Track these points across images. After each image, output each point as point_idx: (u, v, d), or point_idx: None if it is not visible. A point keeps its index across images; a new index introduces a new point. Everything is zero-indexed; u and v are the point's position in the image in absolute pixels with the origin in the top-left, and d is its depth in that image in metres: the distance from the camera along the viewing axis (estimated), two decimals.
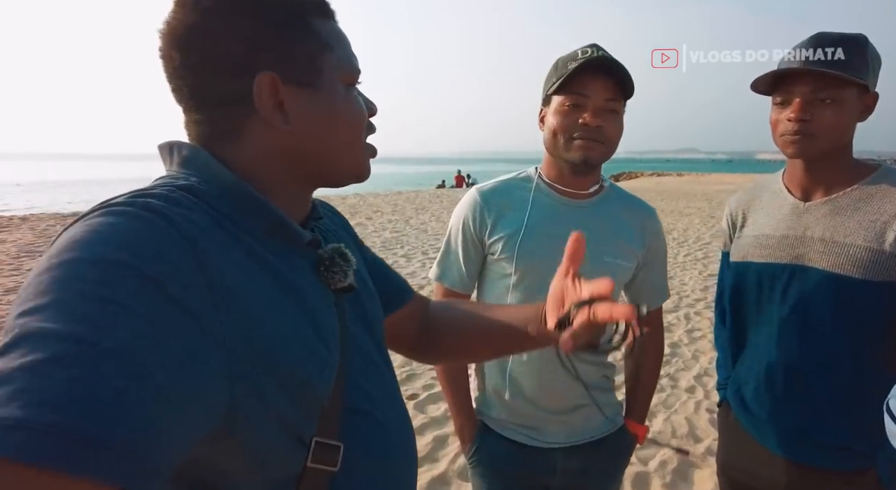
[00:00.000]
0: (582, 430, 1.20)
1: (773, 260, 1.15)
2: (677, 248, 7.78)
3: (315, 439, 0.55)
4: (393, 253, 7.22)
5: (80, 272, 0.40)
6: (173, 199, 0.49)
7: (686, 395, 3.17)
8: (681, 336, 4.15)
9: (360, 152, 0.65)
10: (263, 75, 0.56)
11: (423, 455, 2.52)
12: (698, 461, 2.51)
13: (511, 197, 1.18)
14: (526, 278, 1.13)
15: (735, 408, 1.26)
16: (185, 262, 0.45)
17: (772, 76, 1.09)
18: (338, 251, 0.65)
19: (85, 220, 0.45)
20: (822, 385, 1.09)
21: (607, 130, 1.09)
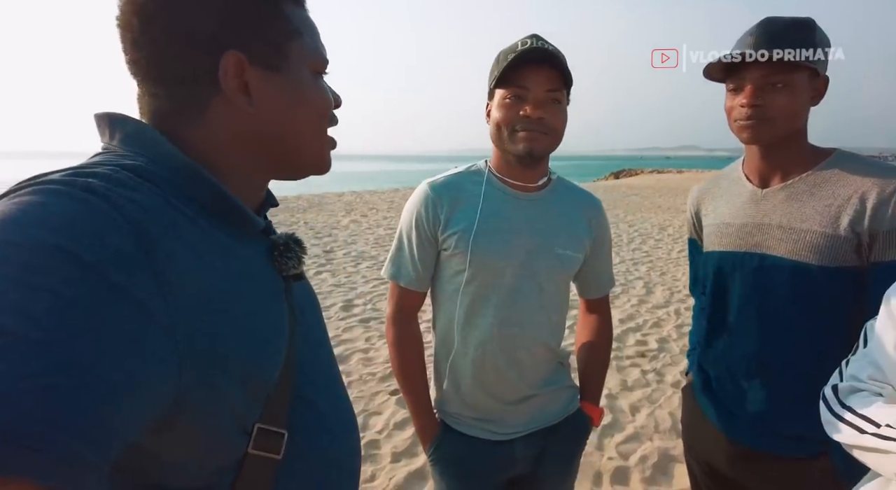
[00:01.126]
0: (540, 417, 1.20)
1: (733, 248, 1.14)
2: (671, 244, 7.76)
3: (258, 426, 0.53)
4: (385, 250, 7.20)
5: (8, 256, 0.37)
6: (117, 180, 0.46)
7: (671, 391, 3.15)
8: (670, 331, 4.13)
9: (322, 142, 0.64)
10: (231, 54, 0.54)
11: (403, 450, 2.50)
12: (679, 455, 2.49)
13: (462, 191, 1.17)
14: (480, 273, 1.12)
15: (697, 393, 1.26)
16: (128, 247, 0.42)
17: (722, 63, 1.07)
18: (292, 238, 0.64)
19: (12, 197, 0.41)
20: (782, 373, 1.08)
21: (550, 121, 1.08)
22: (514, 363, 1.15)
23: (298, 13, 0.60)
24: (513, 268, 1.12)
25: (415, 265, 1.18)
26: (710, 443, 1.20)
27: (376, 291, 5.14)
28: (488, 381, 1.15)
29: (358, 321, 4.29)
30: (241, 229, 0.57)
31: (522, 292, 1.13)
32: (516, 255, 1.12)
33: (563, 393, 1.24)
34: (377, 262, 6.40)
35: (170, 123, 0.56)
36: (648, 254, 7.09)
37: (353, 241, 7.82)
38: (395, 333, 1.22)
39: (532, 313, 1.14)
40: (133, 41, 0.54)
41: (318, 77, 0.62)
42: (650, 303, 4.86)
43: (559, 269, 1.16)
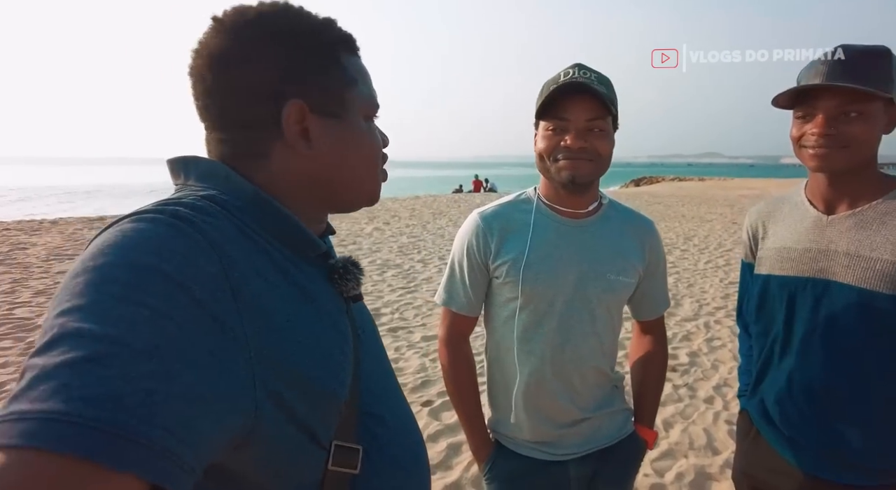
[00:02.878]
0: (594, 439, 1.21)
1: (795, 273, 1.14)
2: (698, 255, 7.66)
3: (335, 443, 0.57)
4: (410, 258, 7.25)
5: (114, 275, 0.43)
6: (199, 208, 0.51)
7: (704, 406, 3.12)
8: (700, 345, 4.08)
9: (374, 181, 0.69)
10: (293, 103, 0.59)
11: (437, 462, 2.52)
12: (716, 473, 2.47)
13: (512, 220, 1.19)
14: (532, 301, 1.14)
15: (757, 420, 1.24)
16: (211, 268, 0.47)
17: (793, 92, 1.08)
18: (350, 261, 0.68)
19: (116, 227, 0.48)
20: (849, 402, 1.07)
21: (592, 149, 1.10)
22: (567, 388, 1.17)
23: (353, 61, 0.65)
24: (564, 295, 1.14)
25: (466, 292, 1.22)
26: (776, 473, 1.19)
27: (402, 300, 5.19)
28: (542, 406, 1.17)
29: (386, 330, 4.33)
30: (305, 254, 0.61)
31: (574, 319, 1.15)
32: (567, 282, 1.14)
33: (617, 416, 1.25)
34: (402, 271, 6.45)
35: (234, 165, 0.60)
36: (675, 264, 7.01)
37: (378, 249, 7.89)
38: (449, 356, 1.25)
39: (584, 339, 1.16)
40: (204, 90, 0.59)
41: (370, 122, 0.67)
42: (678, 316, 4.81)
43: (611, 295, 1.18)
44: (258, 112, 0.59)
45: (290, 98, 0.59)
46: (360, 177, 0.67)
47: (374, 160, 0.68)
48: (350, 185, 0.66)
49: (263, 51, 0.58)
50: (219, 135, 0.61)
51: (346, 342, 0.62)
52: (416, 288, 5.69)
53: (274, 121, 0.59)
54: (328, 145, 0.62)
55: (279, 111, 0.58)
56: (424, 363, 3.65)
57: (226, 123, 0.60)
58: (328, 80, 0.61)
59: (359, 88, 0.65)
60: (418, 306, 5.01)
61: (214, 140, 0.62)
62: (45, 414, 0.35)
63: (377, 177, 0.70)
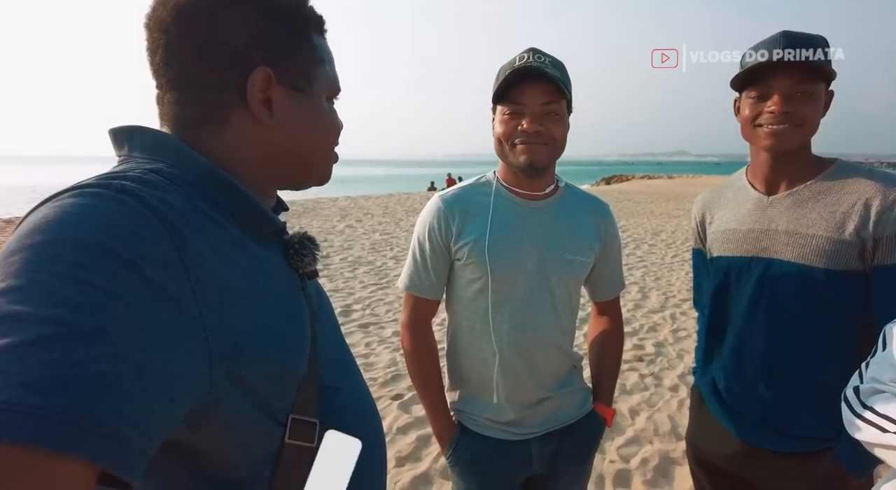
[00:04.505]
0: (555, 418, 1.23)
1: (740, 253, 1.19)
2: (665, 250, 7.83)
3: (291, 417, 0.57)
4: (382, 255, 7.22)
5: (56, 254, 0.40)
6: (147, 182, 0.49)
7: (669, 394, 3.19)
8: (666, 335, 4.18)
9: (328, 160, 0.70)
10: (262, 69, 0.57)
11: (407, 454, 2.52)
12: (679, 458, 2.53)
13: (472, 202, 1.21)
14: (493, 281, 1.15)
15: (706, 395, 1.29)
16: (162, 244, 0.45)
17: (751, 71, 1.11)
18: (306, 236, 0.67)
19: (54, 202, 0.45)
20: (788, 374, 1.12)
21: (548, 133, 1.11)
22: (530, 366, 1.18)
23: (321, 42, 0.66)
24: (525, 274, 1.16)
25: (428, 275, 1.22)
26: (719, 444, 1.24)
27: (374, 296, 5.16)
28: (506, 385, 1.18)
29: (357, 326, 4.30)
30: (259, 230, 0.60)
31: (535, 298, 1.16)
32: (528, 262, 1.16)
33: (576, 394, 1.27)
34: (374, 268, 6.41)
35: (190, 131, 0.58)
36: (643, 258, 7.16)
37: (350, 246, 7.83)
38: (412, 341, 1.25)
39: (545, 318, 1.17)
40: (166, 44, 0.57)
41: (330, 102, 0.68)
42: (646, 307, 4.91)
43: (569, 274, 1.20)
44: (223, 74, 0.57)
45: (257, 64, 0.57)
46: (316, 154, 0.67)
47: (332, 140, 0.69)
48: (306, 160, 0.66)
49: (236, 11, 0.57)
50: (176, 95, 0.58)
51: (303, 318, 0.61)
52: (388, 284, 5.66)
53: (238, 85, 0.57)
54: (290, 118, 0.62)
55: (245, 76, 0.57)
56: (395, 358, 3.64)
57: (185, 83, 0.58)
58: (298, 52, 0.61)
59: (325, 68, 0.65)
60: (390, 302, 4.99)
61: (170, 101, 0.59)
62: None
63: (331, 157, 0.70)
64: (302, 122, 0.63)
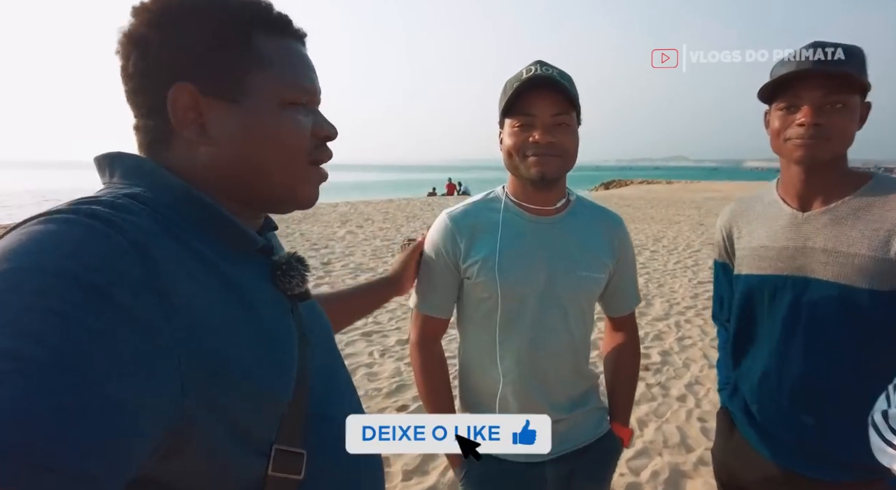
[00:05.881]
0: (570, 439, 1.20)
1: (773, 272, 1.14)
2: (667, 256, 7.81)
3: (275, 447, 0.53)
4: (384, 262, 7.18)
5: (19, 282, 0.38)
6: (120, 206, 0.47)
7: (677, 404, 3.16)
8: (671, 344, 4.15)
9: (294, 178, 0.62)
10: (179, 85, 0.55)
11: (413, 467, 2.48)
12: (690, 471, 2.50)
13: (481, 219, 1.18)
14: (504, 300, 1.13)
15: (736, 416, 1.25)
16: (132, 268, 0.43)
17: (780, 81, 1.07)
18: (294, 257, 0.64)
19: (21, 229, 0.43)
20: (829, 398, 1.08)
21: (559, 144, 1.09)
22: (543, 388, 1.15)
23: (275, 43, 0.59)
24: (536, 292, 1.13)
25: (438, 294, 1.20)
26: (752, 468, 1.19)
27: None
28: (518, 406, 1.15)
29: (360, 335, 4.27)
30: (240, 249, 0.58)
31: (547, 317, 1.14)
32: (538, 279, 1.13)
33: (592, 414, 1.24)
34: (376, 275, 6.37)
35: (154, 154, 0.58)
36: (645, 265, 7.13)
37: (351, 252, 7.80)
38: (421, 359, 1.23)
39: (558, 337, 1.15)
40: (120, 73, 0.58)
41: (289, 109, 0.60)
42: (650, 315, 4.88)
43: (582, 292, 1.17)
44: (152, 95, 0.56)
45: (177, 80, 0.55)
46: (269, 171, 0.59)
47: (289, 152, 0.60)
48: (260, 180, 0.60)
49: (162, 32, 0.55)
50: (134, 121, 0.59)
51: (290, 342, 0.58)
52: None
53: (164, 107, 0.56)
54: (227, 133, 0.57)
55: (164, 95, 0.55)
56: (399, 367, 3.60)
57: (134, 110, 0.58)
58: (224, 60, 0.56)
59: (273, 71, 0.58)
60: (392, 310, 4.96)
61: (133, 127, 0.60)
62: None
63: (297, 172, 0.62)
64: (240, 137, 0.57)
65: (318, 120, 0.64)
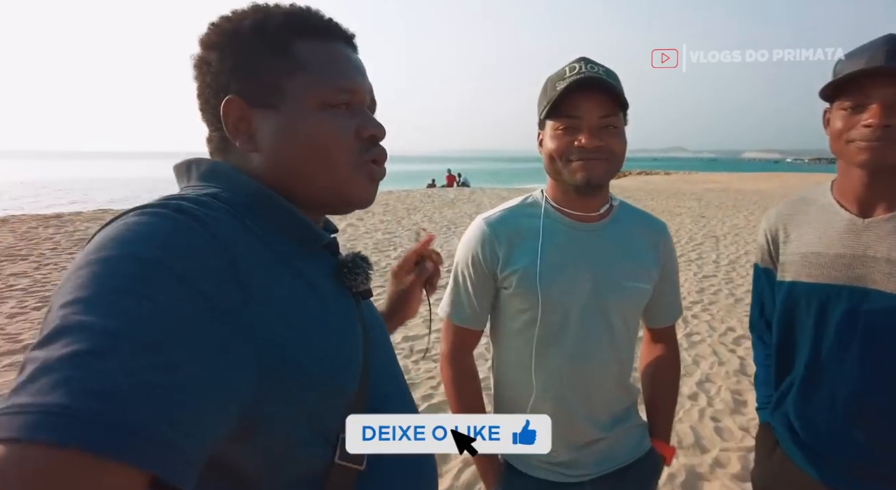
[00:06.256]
0: (611, 458, 1.14)
1: (826, 280, 1.08)
2: None
3: (342, 436, 0.56)
4: (386, 255, 7.13)
5: (118, 268, 0.43)
6: (203, 202, 0.52)
7: (689, 403, 3.12)
8: (680, 340, 4.10)
9: (341, 179, 0.62)
10: (228, 98, 0.60)
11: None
12: (706, 473, 2.46)
13: (520, 226, 1.11)
14: (546, 312, 1.06)
15: (780, 434, 1.19)
16: (216, 260, 0.47)
17: (847, 78, 1.00)
18: (359, 255, 0.67)
19: (120, 221, 0.48)
20: (885, 415, 1.02)
21: (608, 147, 1.03)
22: (585, 404, 1.10)
23: (312, 47, 0.62)
24: (579, 304, 1.07)
25: (471, 304, 1.14)
26: (795, 486, 1.14)
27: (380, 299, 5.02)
28: (558, 424, 1.09)
29: None
30: (308, 246, 0.61)
31: (591, 330, 1.08)
32: (582, 290, 1.07)
33: (633, 432, 1.19)
34: (378, 268, 6.31)
35: (227, 159, 0.64)
36: None
37: (352, 246, 7.73)
38: (453, 373, 1.17)
39: (603, 351, 1.09)
40: (196, 96, 0.64)
41: (327, 110, 0.61)
42: None
43: (628, 303, 1.11)
44: (212, 111, 0.62)
45: (228, 94, 0.60)
46: (312, 173, 0.61)
47: (329, 153, 0.61)
48: (305, 183, 0.62)
49: (215, 53, 0.61)
50: (206, 132, 0.65)
51: (355, 337, 0.61)
52: None
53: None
54: (270, 140, 0.60)
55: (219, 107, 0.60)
56: (407, 365, 3.55)
57: (205, 124, 0.64)
58: (265, 69, 0.60)
59: (309, 74, 0.61)
60: None
61: (205, 139, 0.66)
62: (47, 407, 0.35)
63: (341, 173, 0.62)
64: (280, 140, 0.60)
65: (363, 120, 0.64)
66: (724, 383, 3.40)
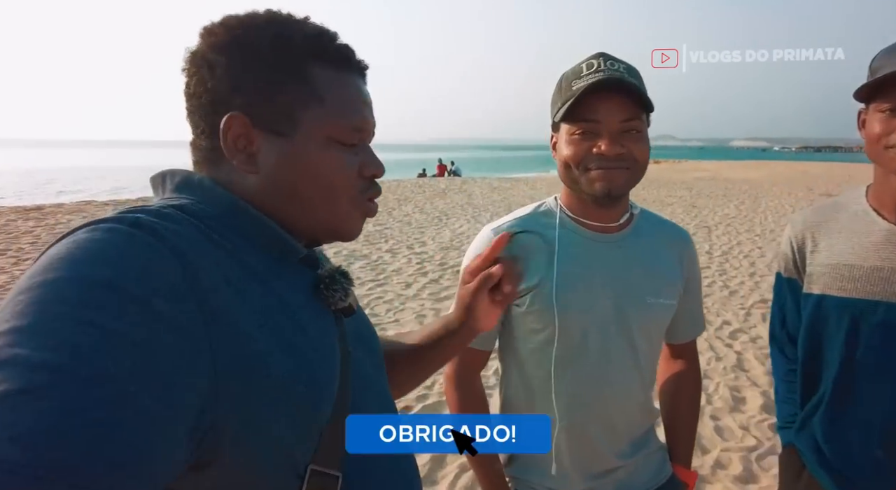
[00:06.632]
0: (631, 487, 1.07)
1: (860, 295, 1.00)
2: None
3: (311, 467, 0.52)
4: (377, 248, 7.02)
5: (61, 293, 0.39)
6: (164, 215, 0.49)
7: None
8: None
9: (339, 214, 0.62)
10: (232, 115, 0.56)
11: (422, 476, 2.37)
12: (708, 475, 2.42)
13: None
14: (563, 332, 0.97)
15: (810, 462, 1.11)
16: (172, 277, 0.44)
17: (886, 79, 0.92)
18: (338, 270, 0.64)
19: (70, 238, 0.45)
20: None
21: (630, 154, 0.94)
22: (606, 430, 1.02)
23: (328, 76, 0.59)
24: (599, 324, 0.98)
25: None
26: None
27: (373, 294, 4.98)
28: (573, 451, 1.01)
29: None
30: (284, 260, 0.58)
31: (613, 351, 1.00)
32: (603, 309, 0.98)
33: (653, 457, 1.11)
34: (370, 262, 6.22)
35: (204, 170, 0.60)
36: None
37: None
38: (458, 395, 1.08)
39: (626, 373, 1.01)
40: (183, 89, 0.59)
41: (336, 147, 0.60)
42: None
43: (653, 321, 1.03)
44: (206, 120, 0.58)
45: (231, 110, 0.56)
46: (312, 205, 0.60)
47: (332, 189, 0.60)
48: (302, 213, 0.60)
49: (223, 58, 0.56)
50: (191, 139, 0.61)
51: (331, 357, 0.57)
52: (385, 280, 5.48)
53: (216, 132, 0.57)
54: (272, 165, 0.58)
55: (219, 122, 0.56)
56: None
57: (190, 125, 0.60)
58: (279, 93, 0.57)
59: (325, 106, 0.59)
60: (389, 300, 4.82)
61: (189, 142, 0.61)
62: None
63: (341, 208, 0.61)
64: (286, 170, 0.58)
65: (365, 158, 0.63)
66: (721, 380, 3.36)
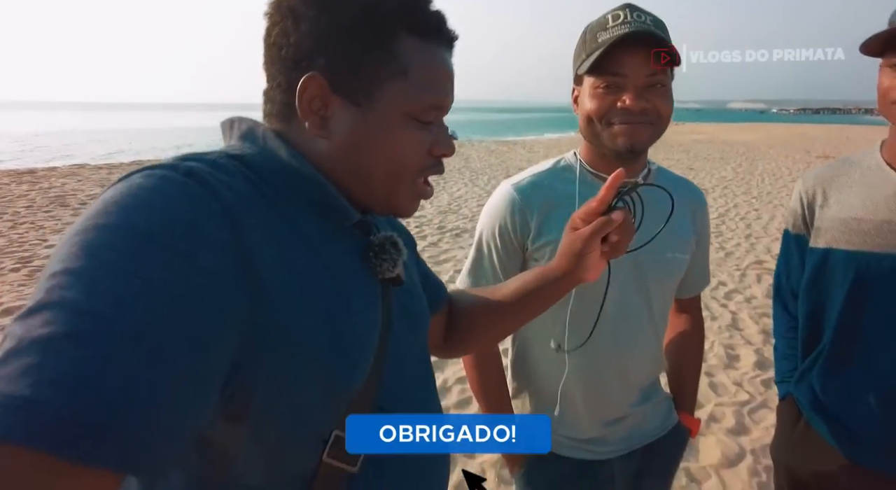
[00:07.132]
0: (639, 434, 1.12)
1: (870, 248, 1.02)
2: None
3: (335, 433, 0.52)
4: None
5: (111, 240, 0.40)
6: (219, 165, 0.49)
7: None
8: None
9: (399, 190, 0.60)
10: (311, 76, 0.54)
11: None
12: (702, 428, 2.52)
13: (554, 193, 1.03)
14: (583, 287, 0.97)
15: (808, 411, 1.15)
16: (219, 233, 0.44)
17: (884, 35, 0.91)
18: (389, 239, 0.62)
19: (127, 181, 0.45)
20: None
21: (654, 109, 0.94)
22: (620, 381, 1.06)
23: (415, 47, 0.57)
24: (619, 278, 1.00)
25: (496, 277, 1.06)
26: (822, 464, 1.12)
27: None
28: (588, 400, 1.06)
29: None
30: (338, 223, 0.58)
31: (630, 306, 1.02)
32: (621, 262, 0.99)
33: (660, 406, 1.16)
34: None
35: (274, 123, 0.59)
36: None
37: None
38: (475, 354, 1.11)
39: (641, 327, 1.04)
40: (263, 36, 0.57)
41: (412, 124, 0.58)
42: None
43: (669, 275, 1.05)
44: (285, 75, 0.56)
45: (313, 70, 0.54)
46: (375, 178, 0.58)
47: (399, 166, 0.58)
48: (364, 184, 0.59)
49: (312, 13, 0.54)
50: (265, 89, 0.59)
51: (371, 329, 0.56)
52: None
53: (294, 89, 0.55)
54: (344, 133, 0.56)
55: (297, 79, 0.54)
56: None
57: (268, 78, 0.58)
58: (363, 62, 0.55)
59: (408, 81, 0.56)
60: None
61: (264, 92, 0.60)
62: (11, 399, 0.33)
63: (402, 186, 0.60)
64: (356, 140, 0.56)
65: (438, 137, 0.60)
66: (716, 338, 3.45)
